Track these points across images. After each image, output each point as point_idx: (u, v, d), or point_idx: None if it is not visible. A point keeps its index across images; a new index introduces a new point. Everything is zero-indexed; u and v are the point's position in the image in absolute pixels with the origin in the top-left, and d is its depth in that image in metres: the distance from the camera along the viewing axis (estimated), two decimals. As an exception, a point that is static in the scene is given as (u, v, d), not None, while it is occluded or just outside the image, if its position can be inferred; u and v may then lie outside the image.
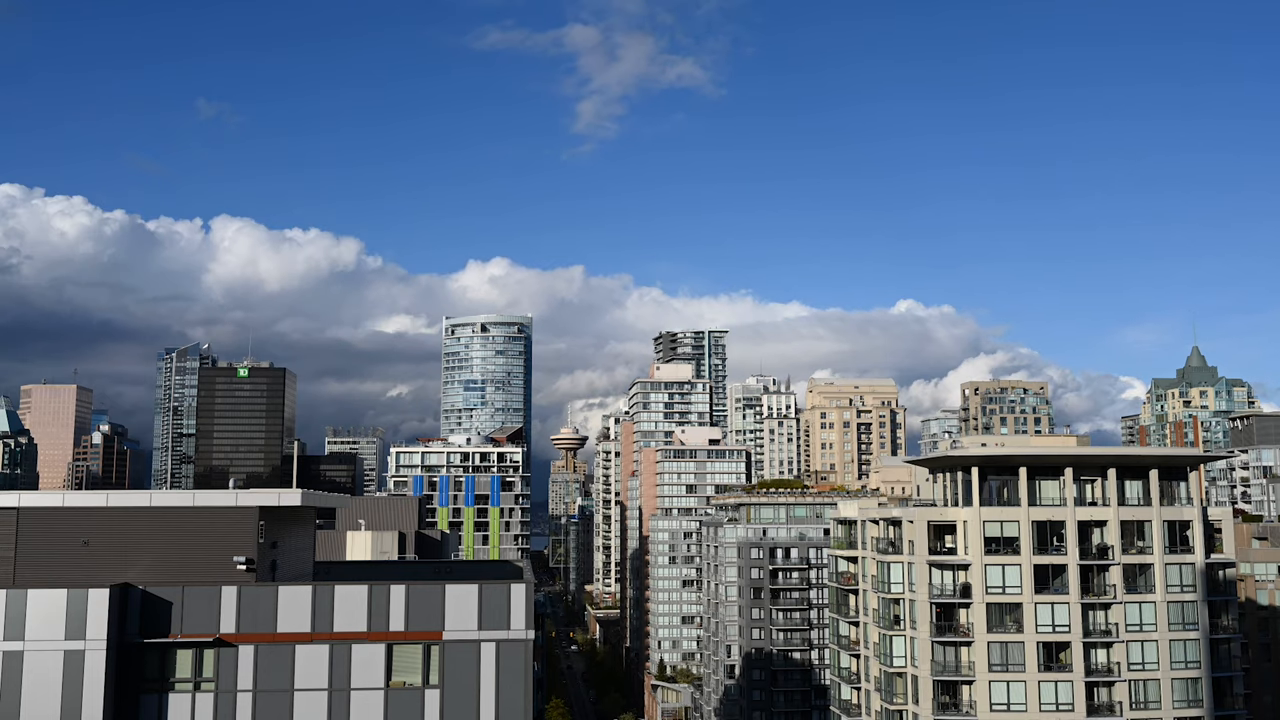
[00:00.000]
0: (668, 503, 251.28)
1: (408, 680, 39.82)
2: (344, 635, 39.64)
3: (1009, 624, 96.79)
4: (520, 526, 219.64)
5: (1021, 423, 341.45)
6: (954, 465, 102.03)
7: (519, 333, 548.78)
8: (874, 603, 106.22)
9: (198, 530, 41.60)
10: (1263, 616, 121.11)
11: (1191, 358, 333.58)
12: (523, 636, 40.16)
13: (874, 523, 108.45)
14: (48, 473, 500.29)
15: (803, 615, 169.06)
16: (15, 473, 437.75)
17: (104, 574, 39.76)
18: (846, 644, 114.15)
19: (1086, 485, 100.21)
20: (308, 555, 50.65)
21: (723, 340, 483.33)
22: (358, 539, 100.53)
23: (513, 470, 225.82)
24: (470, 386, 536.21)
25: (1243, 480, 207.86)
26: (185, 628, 39.15)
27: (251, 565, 41.35)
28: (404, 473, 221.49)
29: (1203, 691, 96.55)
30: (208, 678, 39.20)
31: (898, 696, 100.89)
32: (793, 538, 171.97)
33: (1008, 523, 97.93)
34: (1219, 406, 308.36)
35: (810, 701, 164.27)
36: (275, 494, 42.99)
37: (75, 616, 37.58)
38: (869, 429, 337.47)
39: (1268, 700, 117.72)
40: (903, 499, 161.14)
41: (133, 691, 38.86)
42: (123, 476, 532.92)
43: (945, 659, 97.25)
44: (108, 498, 42.34)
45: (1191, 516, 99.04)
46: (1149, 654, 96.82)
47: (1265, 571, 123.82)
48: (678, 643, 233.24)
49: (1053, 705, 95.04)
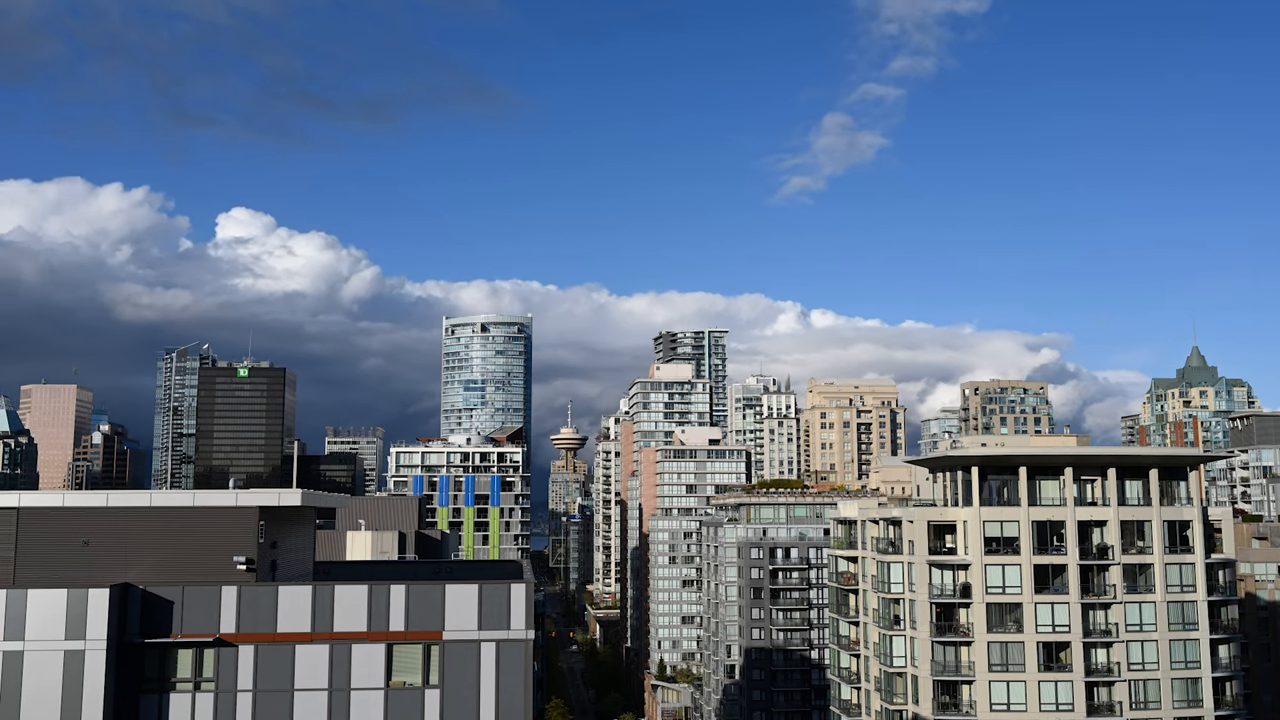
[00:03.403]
0: (668, 503, 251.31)
1: (408, 680, 39.82)
2: (344, 635, 39.64)
3: (1009, 624, 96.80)
4: (520, 526, 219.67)
5: (1021, 423, 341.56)
6: (954, 465, 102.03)
7: (519, 333, 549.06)
8: (874, 603, 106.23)
9: (198, 530, 41.60)
10: (1263, 616, 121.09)
11: (1191, 358, 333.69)
12: (523, 636, 40.15)
13: (874, 523, 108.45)
14: (48, 473, 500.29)
15: (803, 615, 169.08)
16: (15, 473, 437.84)
17: (104, 574, 39.75)
18: (846, 644, 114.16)
19: (1086, 485, 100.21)
20: (308, 555, 50.65)
21: (723, 340, 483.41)
22: (358, 539, 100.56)
23: (513, 470, 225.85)
24: (470, 386, 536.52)
25: (1243, 480, 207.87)
26: (185, 628, 39.14)
27: (251, 565, 41.34)
28: (404, 473, 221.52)
29: (1203, 691, 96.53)
30: (208, 678, 39.19)
31: (898, 696, 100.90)
32: (793, 538, 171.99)
33: (1008, 523, 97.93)
34: (1219, 406, 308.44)
35: (810, 701, 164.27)
36: (275, 494, 42.98)
37: (75, 616, 37.57)
38: (869, 429, 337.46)
39: (1268, 700, 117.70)
40: (903, 499, 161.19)
41: (133, 691, 38.85)
42: (123, 476, 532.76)
43: (945, 659, 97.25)
44: (108, 498, 42.32)
45: (1191, 516, 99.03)
46: (1149, 654, 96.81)
47: (1265, 571, 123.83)
48: (678, 643, 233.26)
49: (1053, 705, 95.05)
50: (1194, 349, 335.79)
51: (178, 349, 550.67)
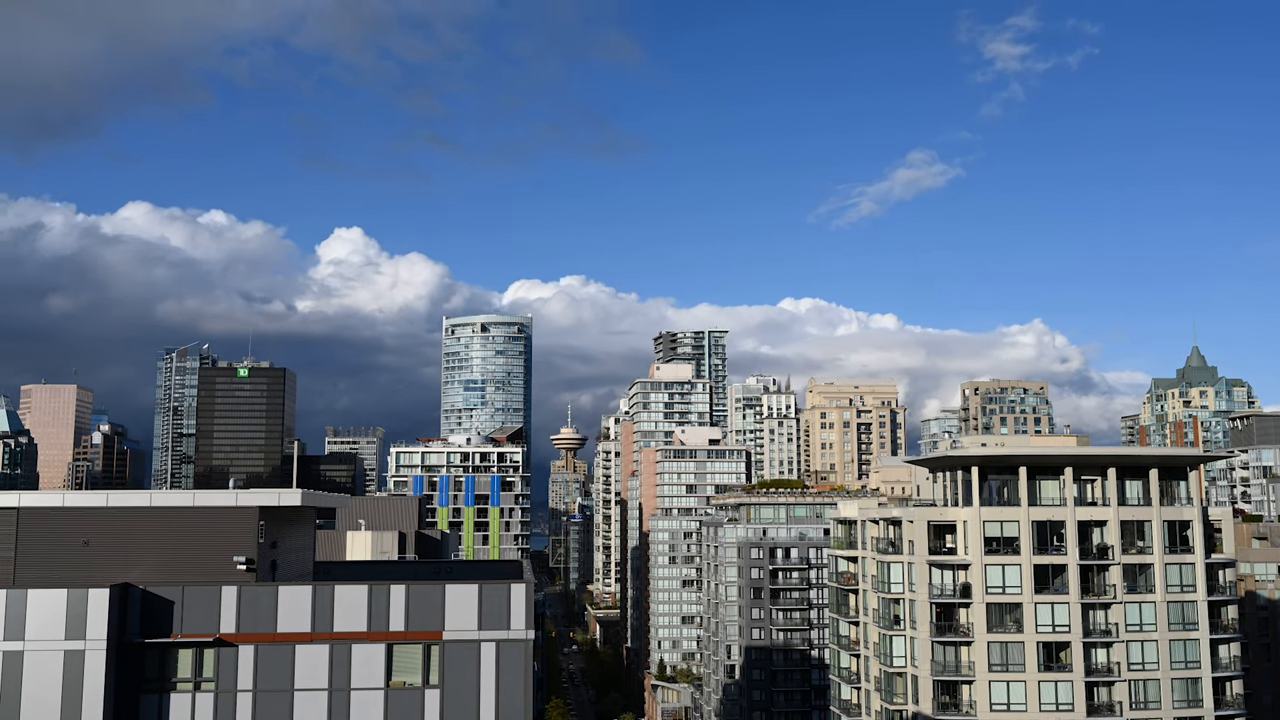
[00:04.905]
0: (668, 503, 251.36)
1: (408, 680, 39.80)
2: (344, 635, 39.61)
3: (1009, 624, 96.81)
4: (520, 526, 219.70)
5: (1021, 423, 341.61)
6: (954, 465, 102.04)
7: (519, 333, 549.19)
8: (874, 603, 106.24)
9: (198, 530, 41.56)
10: (1263, 616, 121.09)
11: (1191, 358, 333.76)
12: (523, 636, 40.12)
13: (874, 523, 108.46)
14: (48, 473, 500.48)
15: (803, 615, 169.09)
16: (15, 473, 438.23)
17: (104, 574, 39.73)
18: (846, 644, 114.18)
19: (1086, 485, 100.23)
20: (308, 555, 50.63)
21: (722, 340, 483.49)
22: (358, 539, 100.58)
23: (513, 470, 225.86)
24: (470, 386, 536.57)
25: (1243, 480, 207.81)
26: (185, 628, 39.11)
27: (251, 565, 41.33)
28: (404, 473, 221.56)
29: (1203, 691, 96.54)
30: (208, 678, 39.16)
31: (898, 696, 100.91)
32: (793, 538, 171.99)
33: (1008, 523, 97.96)
34: (1219, 406, 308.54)
35: (810, 701, 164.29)
36: (275, 494, 42.94)
37: (75, 616, 37.54)
38: (869, 429, 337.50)
39: (1268, 700, 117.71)
40: (903, 499, 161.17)
41: (133, 691, 38.83)
42: (123, 476, 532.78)
43: (945, 659, 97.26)
44: (108, 498, 42.28)
45: (1191, 516, 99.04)
46: (1149, 654, 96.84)
47: (1265, 571, 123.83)
48: (678, 643, 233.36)
49: (1053, 705, 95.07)
50: (1194, 349, 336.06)
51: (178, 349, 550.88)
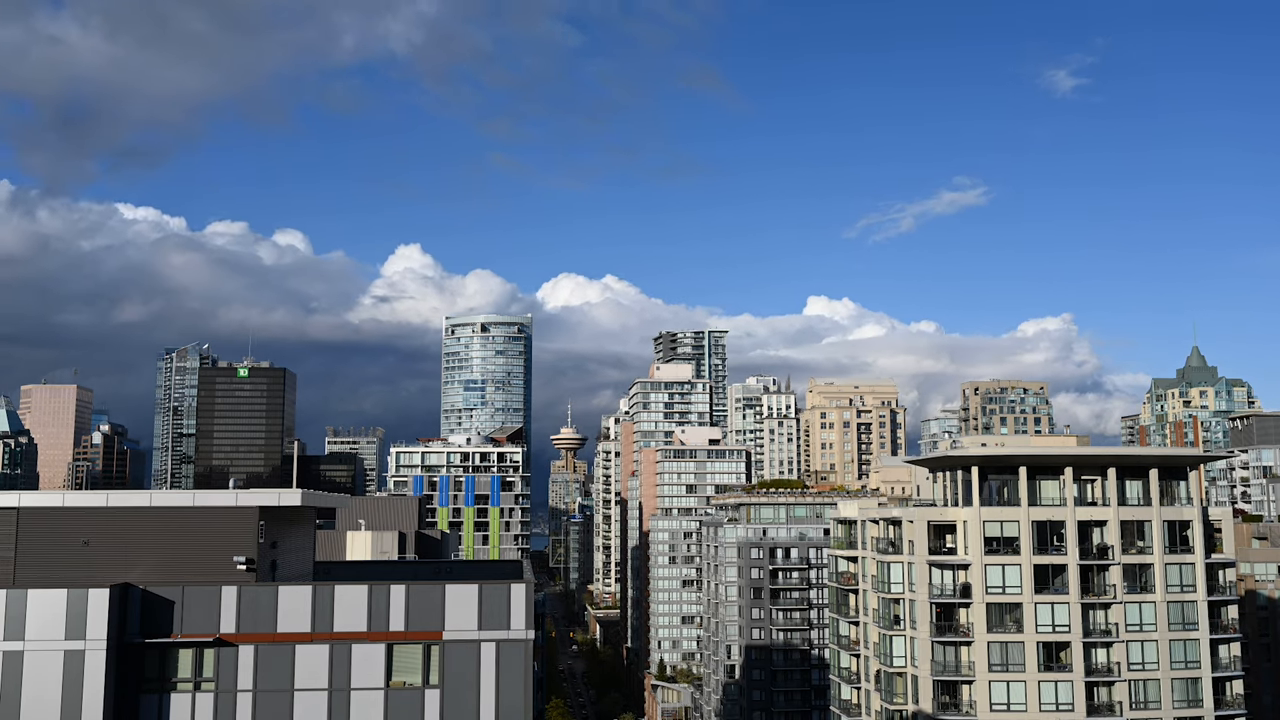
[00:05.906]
0: (668, 503, 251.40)
1: (408, 680, 39.80)
2: (344, 635, 39.59)
3: (1009, 624, 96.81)
4: (520, 526, 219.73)
5: (1021, 423, 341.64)
6: (954, 465, 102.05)
7: (519, 333, 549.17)
8: (874, 603, 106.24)
9: (198, 530, 41.55)
10: (1263, 616, 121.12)
11: (1191, 358, 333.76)
12: (523, 636, 40.11)
13: (874, 523, 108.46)
14: (48, 473, 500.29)
15: (803, 615, 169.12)
16: (15, 473, 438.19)
17: (104, 574, 39.70)
18: (846, 644, 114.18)
19: (1086, 485, 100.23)
20: (308, 555, 50.63)
21: (722, 340, 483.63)
22: (358, 539, 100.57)
23: (513, 470, 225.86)
24: (470, 386, 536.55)
25: (1243, 480, 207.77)
26: (185, 628, 39.10)
27: (252, 565, 41.32)
28: (404, 473, 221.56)
29: (1203, 691, 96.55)
30: (208, 678, 39.14)
31: (898, 696, 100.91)
32: (793, 538, 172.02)
33: (1008, 523, 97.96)
34: (1219, 406, 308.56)
35: (810, 701, 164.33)
36: (275, 494, 42.92)
37: (75, 616, 37.52)
38: (869, 429, 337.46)
39: (1268, 700, 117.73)
40: (903, 499, 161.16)
41: (133, 691, 38.82)
42: (123, 476, 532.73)
43: (945, 659, 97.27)
44: (108, 498, 42.26)
45: (1191, 516, 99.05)
46: (1149, 654, 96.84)
47: (1265, 571, 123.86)
48: (678, 643, 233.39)
49: (1053, 705, 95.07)
50: (1194, 349, 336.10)
51: (178, 349, 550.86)
